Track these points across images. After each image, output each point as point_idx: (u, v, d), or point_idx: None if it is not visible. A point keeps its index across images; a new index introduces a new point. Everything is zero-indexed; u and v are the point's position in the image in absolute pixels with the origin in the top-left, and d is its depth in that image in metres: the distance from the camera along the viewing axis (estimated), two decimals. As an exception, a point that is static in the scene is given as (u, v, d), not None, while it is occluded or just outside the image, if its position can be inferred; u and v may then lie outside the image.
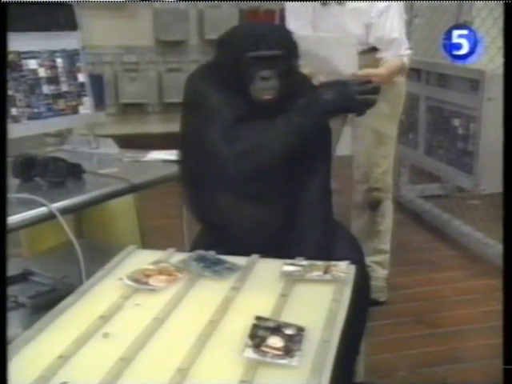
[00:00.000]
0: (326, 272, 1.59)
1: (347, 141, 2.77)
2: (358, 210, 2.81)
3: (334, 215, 1.96)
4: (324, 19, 2.32)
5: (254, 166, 1.73)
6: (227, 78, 1.80)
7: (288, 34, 1.86)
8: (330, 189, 1.97)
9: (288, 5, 2.60)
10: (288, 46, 1.82)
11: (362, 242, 2.15)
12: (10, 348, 1.25)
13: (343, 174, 2.65)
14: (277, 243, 1.82)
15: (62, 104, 2.52)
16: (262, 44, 1.76)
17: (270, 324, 1.34)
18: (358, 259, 1.77)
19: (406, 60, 2.52)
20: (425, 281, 3.09)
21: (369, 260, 2.57)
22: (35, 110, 2.42)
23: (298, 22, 2.48)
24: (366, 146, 2.69)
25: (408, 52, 2.53)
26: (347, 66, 2.25)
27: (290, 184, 1.86)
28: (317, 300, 1.48)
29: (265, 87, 1.76)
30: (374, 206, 2.77)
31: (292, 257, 1.68)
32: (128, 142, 2.80)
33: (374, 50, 2.52)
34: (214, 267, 1.63)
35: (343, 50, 2.27)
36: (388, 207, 2.81)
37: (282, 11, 2.95)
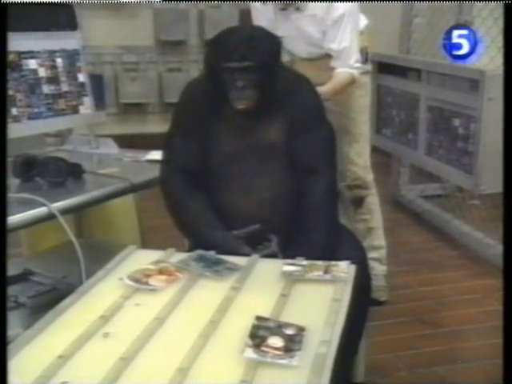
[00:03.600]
0: (326, 272, 1.59)
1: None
2: (343, 208, 2.84)
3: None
4: (285, 23, 2.35)
5: (168, 195, 1.94)
6: (210, 86, 1.85)
7: (268, 40, 1.85)
8: (336, 190, 1.96)
9: (252, 9, 2.62)
10: (265, 54, 1.80)
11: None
12: (10, 348, 1.25)
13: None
14: (281, 244, 1.82)
15: (62, 104, 2.52)
16: (236, 55, 1.76)
17: (271, 324, 1.34)
18: (360, 259, 1.77)
19: (355, 73, 2.54)
20: (425, 281, 3.08)
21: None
22: (35, 110, 2.42)
23: (261, 23, 2.49)
24: (340, 146, 2.73)
25: (358, 65, 2.54)
26: None
27: (296, 185, 1.86)
28: (317, 300, 1.48)
29: (240, 97, 1.79)
30: (357, 202, 2.81)
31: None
32: (128, 142, 2.80)
33: (330, 56, 2.55)
34: (214, 267, 1.63)
35: None
36: (374, 203, 2.84)
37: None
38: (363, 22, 2.68)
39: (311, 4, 2.47)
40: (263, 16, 2.54)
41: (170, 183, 1.95)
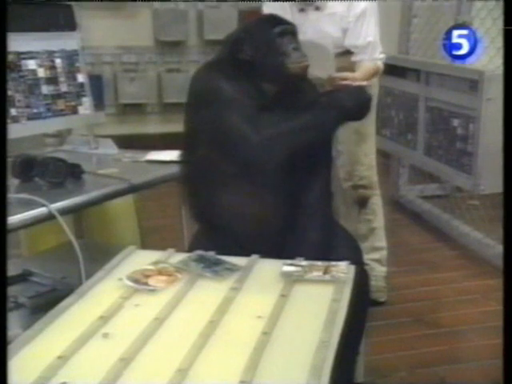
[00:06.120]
0: (325, 272, 1.59)
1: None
2: (346, 208, 2.84)
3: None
4: (302, 24, 2.36)
5: (282, 151, 1.75)
6: (251, 66, 1.83)
7: None
8: (331, 190, 1.97)
9: (266, 9, 2.62)
10: None
11: (358, 241, 2.16)
12: (10, 348, 1.25)
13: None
14: (277, 243, 1.82)
15: (61, 104, 2.52)
16: (282, 20, 1.89)
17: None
18: (356, 259, 1.78)
19: (380, 63, 2.56)
20: (424, 281, 3.09)
21: (367, 258, 2.58)
22: (35, 111, 2.42)
23: None
24: (347, 145, 2.73)
25: (382, 56, 2.57)
26: (324, 68, 2.29)
27: (292, 185, 1.86)
28: (316, 300, 1.48)
29: (301, 56, 1.84)
30: (362, 203, 2.81)
31: (292, 257, 1.68)
32: (127, 143, 2.80)
33: (349, 52, 2.56)
34: (214, 268, 1.63)
35: (319, 53, 2.32)
36: (377, 204, 2.84)
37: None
38: None
39: (330, 2, 2.47)
40: None
41: (264, 146, 1.75)
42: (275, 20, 1.90)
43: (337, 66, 2.47)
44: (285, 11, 2.52)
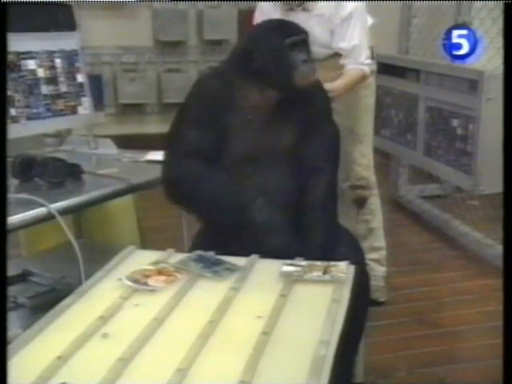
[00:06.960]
0: (325, 272, 1.59)
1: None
2: (344, 209, 2.85)
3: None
4: None
5: (184, 200, 1.87)
6: (258, 76, 1.82)
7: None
8: (336, 191, 1.97)
9: (257, 10, 2.63)
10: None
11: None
12: (10, 348, 1.24)
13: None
14: (279, 243, 1.82)
15: (60, 104, 2.51)
16: (294, 30, 1.84)
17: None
18: (358, 259, 1.77)
19: (366, 69, 2.55)
20: (424, 281, 3.09)
21: (366, 258, 2.58)
22: (34, 111, 2.42)
23: None
24: (343, 146, 2.73)
25: (368, 61, 2.56)
26: None
27: (295, 184, 1.86)
28: (316, 300, 1.48)
29: (309, 70, 1.83)
30: (360, 203, 2.80)
31: (294, 258, 1.67)
32: (127, 143, 2.80)
33: (338, 55, 2.55)
34: (214, 268, 1.63)
35: None
36: (375, 204, 2.84)
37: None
38: (369, 21, 2.68)
39: (318, 4, 2.47)
40: (268, 18, 2.53)
41: (180, 166, 1.85)
42: (287, 29, 1.85)
43: (325, 68, 2.49)
44: (274, 11, 2.52)
